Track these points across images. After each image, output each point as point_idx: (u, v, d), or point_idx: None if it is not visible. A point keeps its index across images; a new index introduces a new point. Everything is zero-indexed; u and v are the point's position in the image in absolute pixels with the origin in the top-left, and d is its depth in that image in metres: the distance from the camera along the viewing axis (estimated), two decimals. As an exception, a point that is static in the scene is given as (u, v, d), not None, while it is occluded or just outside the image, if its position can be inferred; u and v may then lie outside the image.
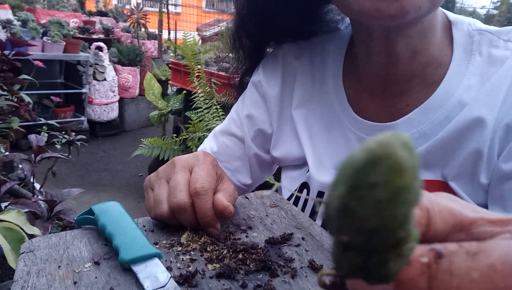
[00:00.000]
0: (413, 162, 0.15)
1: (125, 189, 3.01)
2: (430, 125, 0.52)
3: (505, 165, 0.47)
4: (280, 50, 0.69)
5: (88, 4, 6.04)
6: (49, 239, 0.47)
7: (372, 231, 0.15)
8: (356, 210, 0.15)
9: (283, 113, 0.67)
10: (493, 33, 0.53)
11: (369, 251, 0.16)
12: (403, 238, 0.15)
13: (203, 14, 7.09)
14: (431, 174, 0.53)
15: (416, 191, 0.15)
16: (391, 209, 0.15)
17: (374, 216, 0.15)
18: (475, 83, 0.51)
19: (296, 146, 0.65)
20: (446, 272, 0.16)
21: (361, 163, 0.14)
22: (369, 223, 0.15)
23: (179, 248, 0.47)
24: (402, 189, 0.14)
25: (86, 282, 0.39)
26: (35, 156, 1.27)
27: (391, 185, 0.14)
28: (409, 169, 0.14)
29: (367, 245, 0.16)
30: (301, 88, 0.65)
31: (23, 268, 0.41)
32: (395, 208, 0.15)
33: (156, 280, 0.40)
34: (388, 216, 0.15)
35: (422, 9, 0.44)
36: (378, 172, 0.14)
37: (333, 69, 0.62)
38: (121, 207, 0.51)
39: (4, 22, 3.40)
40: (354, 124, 0.58)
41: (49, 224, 1.14)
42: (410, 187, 0.15)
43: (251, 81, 0.71)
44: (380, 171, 0.14)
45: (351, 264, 0.16)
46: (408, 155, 0.14)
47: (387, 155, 0.14)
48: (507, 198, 0.47)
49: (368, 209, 0.15)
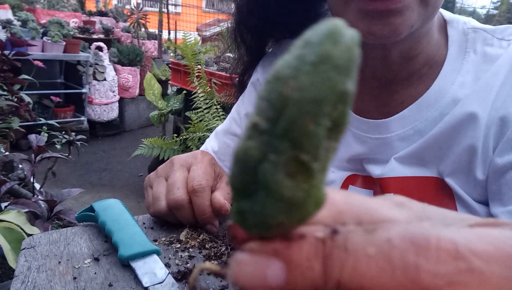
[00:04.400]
0: (354, 49, 0.14)
1: (125, 189, 3.01)
2: (425, 122, 0.53)
3: (500, 159, 0.48)
4: (279, 49, 0.69)
5: (88, 4, 6.05)
6: (50, 236, 0.47)
7: (284, 105, 0.13)
8: (282, 71, 0.14)
9: None
10: (487, 31, 0.54)
11: (270, 139, 0.14)
12: (310, 135, 0.13)
13: (203, 14, 7.10)
14: (427, 171, 0.53)
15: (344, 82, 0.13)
16: (312, 77, 0.13)
17: (294, 81, 0.13)
18: (469, 80, 0.51)
19: None
20: (341, 249, 0.14)
21: (312, 30, 0.14)
22: (284, 91, 0.13)
23: (178, 245, 0.47)
24: (331, 59, 0.13)
25: (86, 278, 0.40)
26: (35, 156, 1.28)
27: (322, 49, 0.13)
28: (346, 45, 0.13)
29: (271, 133, 0.14)
30: None
31: (24, 264, 0.41)
32: (316, 78, 0.13)
33: (154, 276, 0.40)
34: (307, 85, 0.13)
35: (414, 27, 0.45)
36: (318, 32, 0.14)
37: None
38: (121, 204, 0.52)
39: (4, 22, 3.40)
40: (350, 121, 0.59)
41: (49, 224, 1.15)
42: (340, 66, 0.13)
43: (250, 81, 0.71)
44: (320, 32, 0.14)
45: (246, 157, 0.14)
46: (351, 38, 0.14)
47: (333, 24, 0.14)
48: (504, 193, 0.47)
49: (290, 71, 0.13)
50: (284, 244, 0.15)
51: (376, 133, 0.55)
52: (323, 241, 0.15)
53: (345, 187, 0.59)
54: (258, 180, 0.14)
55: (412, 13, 0.44)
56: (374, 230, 0.15)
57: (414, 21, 0.45)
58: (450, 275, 0.14)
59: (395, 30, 0.44)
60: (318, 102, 0.13)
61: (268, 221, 0.14)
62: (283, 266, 0.15)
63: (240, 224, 0.16)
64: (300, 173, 0.14)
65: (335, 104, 0.13)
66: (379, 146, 0.55)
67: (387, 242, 0.14)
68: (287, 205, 0.14)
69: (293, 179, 0.14)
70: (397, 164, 0.54)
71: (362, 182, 0.58)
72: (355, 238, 0.15)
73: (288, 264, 0.15)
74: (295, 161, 0.14)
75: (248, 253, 0.15)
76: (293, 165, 0.14)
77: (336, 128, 0.14)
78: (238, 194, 0.15)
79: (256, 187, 0.14)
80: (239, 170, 0.15)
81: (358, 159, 0.58)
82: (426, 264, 0.14)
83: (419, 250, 0.14)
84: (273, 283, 0.15)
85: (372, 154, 0.56)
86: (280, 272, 0.15)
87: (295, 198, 0.14)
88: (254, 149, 0.14)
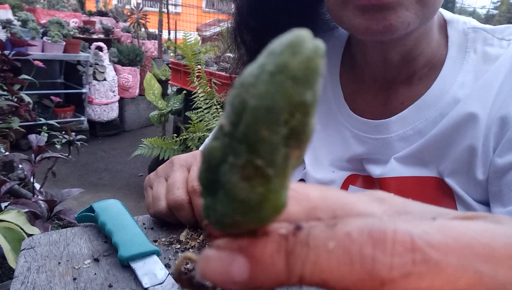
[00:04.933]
0: (314, 61, 0.14)
1: (125, 189, 3.01)
2: (425, 122, 0.53)
3: (500, 159, 0.48)
4: None
5: (88, 4, 6.05)
6: (50, 236, 0.47)
7: (243, 110, 0.14)
8: (246, 78, 0.14)
9: None
10: (487, 31, 0.54)
11: (230, 142, 0.14)
12: (264, 141, 0.14)
13: (203, 14, 7.10)
14: (427, 171, 0.53)
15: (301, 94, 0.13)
16: (268, 86, 0.13)
17: (253, 88, 0.14)
18: (470, 80, 0.51)
19: None
20: (303, 244, 0.14)
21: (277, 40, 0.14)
22: (244, 97, 0.14)
23: (178, 246, 0.47)
24: (288, 70, 0.13)
25: (85, 279, 0.40)
26: (35, 156, 1.28)
27: (281, 59, 0.13)
28: (305, 56, 0.13)
29: (232, 136, 0.14)
30: None
31: (24, 264, 0.41)
32: (272, 87, 0.13)
33: (154, 277, 0.40)
34: (262, 93, 0.13)
35: (411, 26, 0.45)
36: (281, 43, 0.14)
37: (331, 66, 0.63)
38: (121, 205, 0.52)
39: (4, 22, 3.40)
40: (350, 121, 0.59)
41: (49, 224, 1.15)
42: (297, 78, 0.13)
43: None
44: (283, 42, 0.14)
45: (210, 157, 0.15)
46: (313, 49, 0.14)
47: (296, 34, 0.14)
48: (505, 193, 0.47)
49: (252, 79, 0.14)
50: (248, 241, 0.15)
51: (376, 133, 0.55)
52: (286, 237, 0.15)
53: (345, 187, 0.59)
54: (219, 182, 0.15)
55: (407, 11, 0.44)
56: (335, 225, 0.15)
57: (410, 19, 0.45)
58: (405, 267, 0.14)
59: (390, 25, 0.44)
60: (272, 110, 0.13)
61: (225, 220, 0.15)
62: (247, 262, 0.15)
63: (205, 218, 0.16)
64: (256, 177, 0.14)
65: (292, 113, 0.14)
66: (379, 146, 0.55)
67: (346, 236, 0.14)
68: (242, 206, 0.14)
69: (249, 182, 0.14)
70: (397, 164, 0.54)
71: (362, 182, 0.58)
72: (317, 234, 0.15)
73: (251, 260, 0.15)
74: (251, 165, 0.14)
75: (215, 249, 0.16)
76: (249, 169, 0.14)
77: (295, 136, 0.14)
78: (204, 191, 0.16)
79: (218, 186, 0.15)
80: (204, 168, 0.15)
81: (358, 159, 0.58)
82: (382, 256, 0.14)
83: (376, 243, 0.14)
84: (238, 278, 0.15)
85: (372, 154, 0.56)
86: (244, 268, 0.15)
87: (249, 200, 0.14)
88: (217, 150, 0.15)
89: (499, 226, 0.15)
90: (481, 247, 0.14)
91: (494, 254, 0.14)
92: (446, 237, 0.14)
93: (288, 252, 0.15)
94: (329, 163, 0.61)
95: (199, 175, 0.16)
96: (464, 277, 0.14)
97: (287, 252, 0.15)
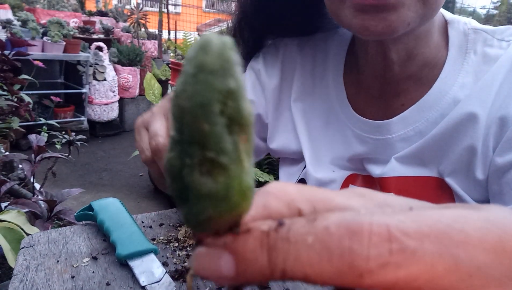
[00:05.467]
0: (225, 53, 0.15)
1: (125, 189, 3.02)
2: (426, 123, 0.53)
3: (500, 159, 0.48)
4: (282, 41, 0.69)
5: (88, 4, 6.05)
6: (49, 235, 0.48)
7: (182, 115, 0.15)
8: (177, 88, 0.15)
9: (280, 105, 0.67)
10: (487, 32, 0.54)
11: (182, 147, 0.15)
12: (208, 134, 0.15)
13: (203, 14, 7.10)
14: (427, 171, 0.53)
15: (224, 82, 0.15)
16: (194, 86, 0.15)
17: (183, 93, 0.15)
18: (470, 81, 0.52)
19: (293, 139, 0.65)
20: (284, 240, 0.15)
21: (190, 48, 0.16)
22: (180, 103, 0.15)
23: (176, 244, 0.48)
24: (205, 66, 0.15)
25: (84, 277, 0.40)
26: (35, 156, 1.28)
27: (197, 60, 0.15)
28: (215, 52, 0.15)
29: (182, 141, 0.15)
30: (300, 81, 0.65)
31: (23, 263, 0.42)
32: (197, 85, 0.15)
33: (152, 275, 0.41)
34: (191, 93, 0.15)
35: (411, 25, 0.45)
36: (193, 48, 0.16)
37: (334, 65, 0.63)
38: (120, 203, 0.52)
39: (4, 22, 3.41)
40: (352, 121, 0.59)
41: (49, 224, 1.15)
42: (215, 70, 0.15)
43: (251, 67, 0.70)
44: (194, 47, 0.16)
45: (172, 168, 0.16)
46: (220, 44, 0.15)
47: (203, 37, 0.16)
48: (505, 192, 0.47)
49: (181, 87, 0.15)
50: (232, 238, 0.16)
51: (377, 134, 0.56)
52: (268, 234, 0.15)
53: (346, 186, 0.59)
54: (186, 186, 0.16)
55: (408, 11, 0.44)
56: (314, 219, 0.15)
57: (410, 19, 0.45)
58: (382, 257, 0.14)
59: (390, 25, 0.44)
60: (204, 105, 0.15)
61: (200, 217, 0.16)
62: (232, 259, 0.16)
63: (188, 226, 0.17)
64: (214, 169, 0.15)
65: (224, 102, 0.15)
66: (380, 146, 0.56)
67: (324, 230, 0.15)
68: (210, 199, 0.15)
69: (209, 175, 0.15)
70: (397, 164, 0.54)
71: (362, 181, 0.58)
72: (297, 229, 0.15)
73: (236, 256, 0.16)
74: (205, 160, 0.15)
75: (205, 247, 0.17)
76: (205, 164, 0.15)
77: (235, 122, 0.15)
78: (178, 201, 0.17)
79: (186, 193, 0.16)
80: (171, 180, 0.16)
81: (358, 159, 0.58)
82: (359, 248, 0.14)
83: (352, 236, 0.14)
84: (226, 274, 0.16)
85: (373, 154, 0.57)
86: (230, 264, 0.16)
87: (215, 192, 0.15)
88: (174, 159, 0.16)
89: (474, 211, 0.15)
90: (456, 233, 0.14)
91: (469, 239, 0.14)
92: (421, 225, 0.14)
93: (270, 247, 0.15)
94: (329, 161, 0.61)
95: (170, 190, 0.17)
96: (441, 263, 0.14)
97: (269, 248, 0.15)
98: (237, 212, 0.16)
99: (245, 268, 0.15)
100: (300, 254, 0.15)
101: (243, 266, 0.15)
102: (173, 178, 0.16)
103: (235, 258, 0.16)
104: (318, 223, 0.15)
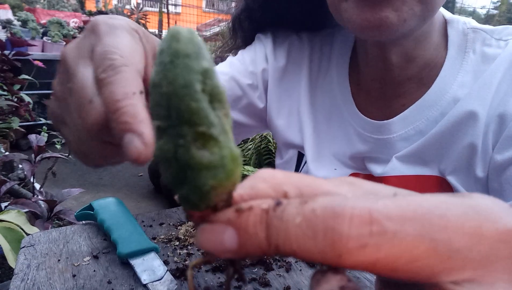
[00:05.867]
0: (194, 38, 0.17)
1: (125, 189, 3.01)
2: (426, 122, 0.53)
3: (499, 156, 0.48)
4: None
5: (88, 4, 6.05)
6: (50, 234, 0.48)
7: (168, 100, 0.16)
8: (155, 79, 0.17)
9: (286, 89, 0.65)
10: (486, 31, 0.54)
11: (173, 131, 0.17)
12: (196, 110, 0.16)
13: (203, 14, 7.10)
14: (428, 169, 0.54)
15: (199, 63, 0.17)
16: (173, 70, 0.16)
17: (164, 80, 0.16)
18: (469, 80, 0.52)
19: (295, 125, 0.64)
20: (278, 218, 0.16)
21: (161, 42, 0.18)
22: (163, 90, 0.17)
23: (176, 243, 0.48)
24: (180, 52, 0.17)
25: (85, 275, 0.40)
26: (35, 156, 1.28)
27: (171, 49, 0.17)
28: (186, 38, 0.17)
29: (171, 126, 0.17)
30: (307, 71, 0.65)
31: (24, 262, 0.42)
32: (177, 69, 0.16)
33: (153, 273, 0.41)
34: (173, 77, 0.16)
35: (408, 23, 0.45)
36: (164, 41, 0.17)
37: (339, 62, 0.63)
38: (120, 203, 0.52)
39: (4, 22, 3.41)
40: (354, 119, 0.59)
41: (49, 224, 1.15)
42: (189, 54, 0.17)
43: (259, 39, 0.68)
44: (165, 40, 0.17)
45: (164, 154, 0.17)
46: (188, 33, 0.17)
47: (171, 29, 0.17)
48: (505, 189, 0.47)
49: (160, 75, 0.17)
50: (236, 214, 0.17)
51: (378, 133, 0.56)
52: (267, 211, 0.17)
53: None
54: (182, 166, 0.17)
55: (405, 7, 0.44)
56: (306, 202, 0.16)
57: (407, 16, 0.45)
58: (361, 238, 0.15)
59: (386, 17, 0.44)
60: (187, 85, 0.16)
61: (204, 190, 0.17)
62: (235, 233, 0.17)
63: (188, 208, 0.18)
64: (207, 142, 0.17)
65: (204, 81, 0.17)
66: (380, 146, 0.56)
67: (311, 212, 0.16)
68: (210, 170, 0.17)
69: (204, 148, 0.17)
70: (398, 163, 0.54)
71: None
72: (289, 209, 0.16)
73: (238, 231, 0.17)
74: (198, 135, 0.17)
75: (209, 223, 0.18)
76: (199, 139, 0.17)
77: (215, 99, 0.17)
78: (174, 187, 0.18)
79: (184, 173, 0.17)
80: (165, 167, 0.18)
81: (360, 158, 0.58)
82: (340, 229, 0.15)
83: (336, 218, 0.15)
84: (229, 247, 0.17)
85: (374, 153, 0.57)
86: (233, 238, 0.17)
87: (213, 161, 0.17)
88: (165, 144, 0.17)
89: (458, 199, 0.16)
90: (436, 217, 0.15)
91: (449, 223, 0.15)
92: (403, 209, 0.15)
93: (268, 224, 0.17)
94: (331, 157, 0.61)
95: (166, 179, 0.18)
96: (421, 246, 0.15)
97: (267, 224, 0.17)
98: (233, 180, 0.18)
99: (246, 242, 0.17)
100: (289, 232, 0.16)
101: (245, 240, 0.17)
102: (167, 163, 0.17)
103: (238, 233, 0.17)
104: (308, 205, 0.16)
